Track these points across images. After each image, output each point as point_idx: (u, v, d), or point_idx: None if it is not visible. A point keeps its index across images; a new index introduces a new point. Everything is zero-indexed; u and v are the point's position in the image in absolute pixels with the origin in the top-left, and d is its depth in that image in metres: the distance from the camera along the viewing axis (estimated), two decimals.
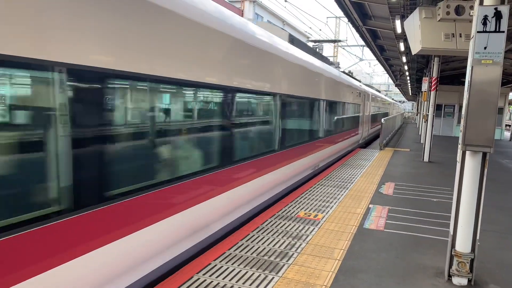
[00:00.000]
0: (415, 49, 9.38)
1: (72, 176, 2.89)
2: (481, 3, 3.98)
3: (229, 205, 5.46)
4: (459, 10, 7.93)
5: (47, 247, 2.73)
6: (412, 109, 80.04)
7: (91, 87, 3.03)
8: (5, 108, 2.56)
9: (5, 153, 2.57)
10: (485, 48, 3.90)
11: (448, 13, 7.94)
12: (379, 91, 36.57)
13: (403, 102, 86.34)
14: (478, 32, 3.90)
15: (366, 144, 21.32)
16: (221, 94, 5.10)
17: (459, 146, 4.16)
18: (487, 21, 3.84)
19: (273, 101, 6.99)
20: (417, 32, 8.72)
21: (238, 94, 5.48)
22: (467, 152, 4.14)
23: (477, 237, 4.25)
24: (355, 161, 13.24)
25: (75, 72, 2.86)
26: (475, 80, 3.95)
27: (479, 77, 3.94)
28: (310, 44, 22.69)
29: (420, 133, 25.16)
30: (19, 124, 2.67)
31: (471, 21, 7.89)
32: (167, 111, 4.21)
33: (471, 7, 7.86)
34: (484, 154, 4.10)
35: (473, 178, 4.13)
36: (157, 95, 4.01)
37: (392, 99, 60.03)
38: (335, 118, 12.47)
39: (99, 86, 3.10)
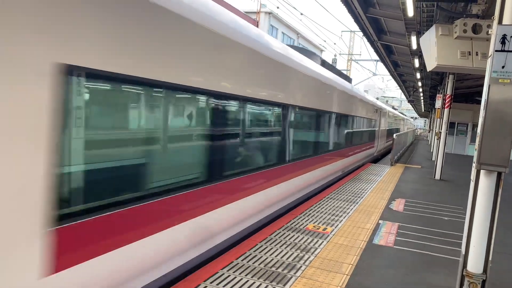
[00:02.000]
0: (430, 65, 9.34)
1: None
2: (500, 22, 3.97)
3: None
4: (476, 29, 7.89)
5: None
6: (425, 126, 79.51)
7: None
8: None
9: None
10: (503, 67, 3.87)
11: (465, 31, 7.91)
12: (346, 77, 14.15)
13: (415, 118, 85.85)
14: (496, 51, 3.88)
15: (376, 159, 21.15)
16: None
17: (474, 165, 4.11)
18: (505, 40, 3.82)
19: None
20: (433, 49, 8.69)
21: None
22: (482, 171, 4.09)
23: (490, 258, 4.17)
24: (365, 175, 13.14)
25: None
26: (492, 99, 3.92)
27: (496, 96, 3.90)
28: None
29: (432, 150, 24.93)
30: None
31: (488, 39, 7.84)
32: None
33: (488, 26, 7.82)
34: (499, 174, 4.05)
35: (487, 197, 4.07)
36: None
37: (394, 107, 42.73)
38: None
39: None
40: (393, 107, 37.20)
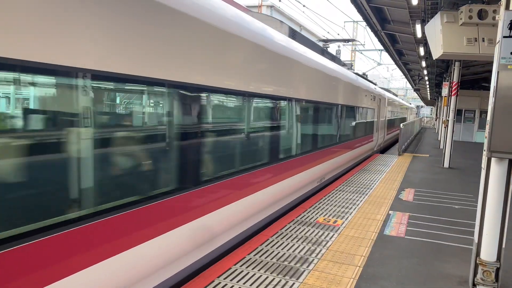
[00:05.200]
0: (436, 53, 9.26)
1: None
2: (507, 7, 3.92)
3: None
4: (482, 15, 7.80)
5: None
6: (431, 114, 78.99)
7: None
8: None
9: None
10: (511, 53, 3.83)
11: (470, 17, 7.82)
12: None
13: (421, 107, 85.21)
14: (504, 37, 3.83)
15: (383, 150, 21.06)
16: None
17: (484, 153, 4.09)
18: None
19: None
20: (438, 36, 8.61)
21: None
22: (493, 159, 4.06)
23: (503, 246, 4.16)
24: (373, 166, 13.11)
25: None
26: (501, 85, 3.88)
27: (505, 82, 3.86)
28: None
29: (439, 139, 24.76)
30: None
31: (494, 25, 7.76)
32: None
33: (494, 11, 7.73)
34: (511, 161, 4.01)
35: (499, 185, 4.04)
36: None
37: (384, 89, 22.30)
38: None
39: None
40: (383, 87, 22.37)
